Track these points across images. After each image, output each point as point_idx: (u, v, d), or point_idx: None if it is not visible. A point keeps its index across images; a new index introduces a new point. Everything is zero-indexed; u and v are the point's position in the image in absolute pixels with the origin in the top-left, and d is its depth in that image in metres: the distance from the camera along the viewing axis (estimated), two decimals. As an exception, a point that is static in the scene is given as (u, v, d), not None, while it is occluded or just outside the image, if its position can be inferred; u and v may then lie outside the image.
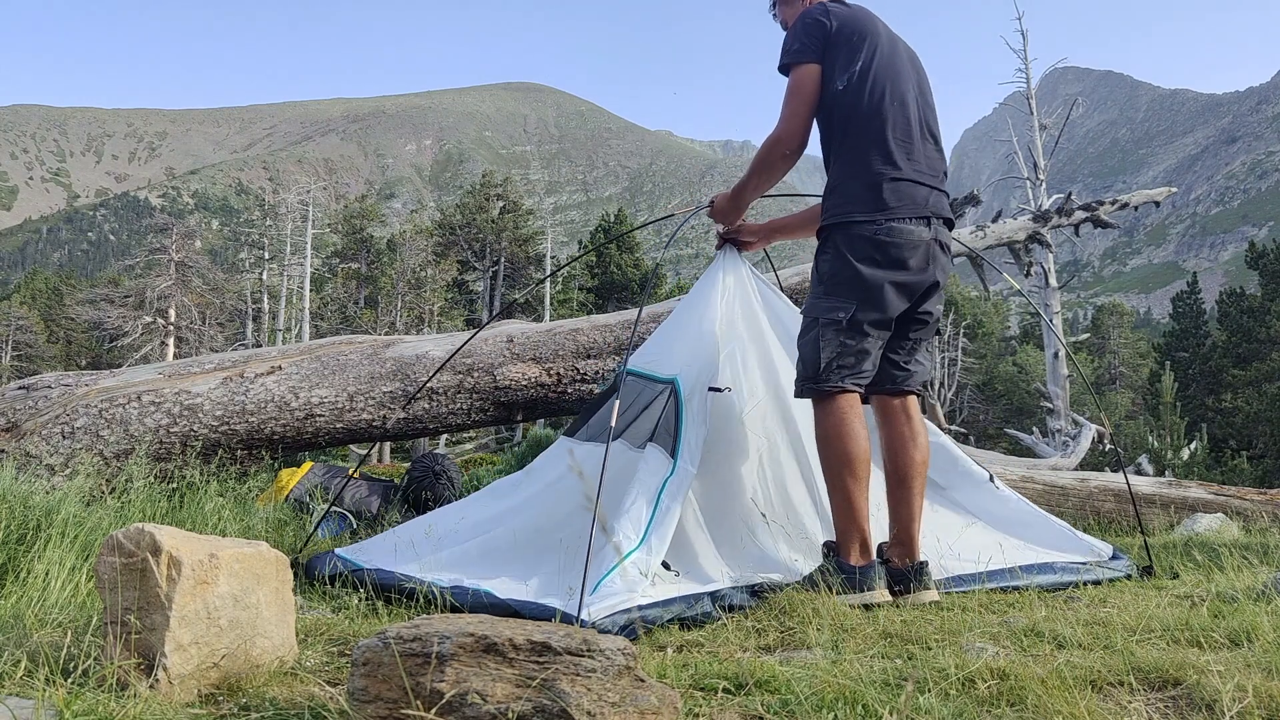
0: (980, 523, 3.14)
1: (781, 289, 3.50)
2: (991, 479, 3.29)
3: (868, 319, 2.59)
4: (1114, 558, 3.05)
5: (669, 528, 2.53)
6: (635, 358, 3.10)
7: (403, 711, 1.26)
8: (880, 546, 2.63)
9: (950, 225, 2.75)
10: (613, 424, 2.53)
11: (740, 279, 3.29)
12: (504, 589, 2.43)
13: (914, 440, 2.70)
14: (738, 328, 3.17)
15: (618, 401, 2.62)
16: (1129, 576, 2.93)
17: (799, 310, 2.88)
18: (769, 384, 3.14)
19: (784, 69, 2.74)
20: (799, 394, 2.70)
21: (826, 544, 2.60)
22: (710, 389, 2.86)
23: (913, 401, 2.76)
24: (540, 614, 2.18)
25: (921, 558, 2.61)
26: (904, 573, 2.55)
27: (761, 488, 2.98)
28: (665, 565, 2.58)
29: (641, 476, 2.65)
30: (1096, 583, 2.83)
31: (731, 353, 3.07)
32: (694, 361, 2.96)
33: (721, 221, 3.19)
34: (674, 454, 2.71)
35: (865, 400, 2.72)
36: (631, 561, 2.39)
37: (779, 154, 2.74)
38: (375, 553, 2.93)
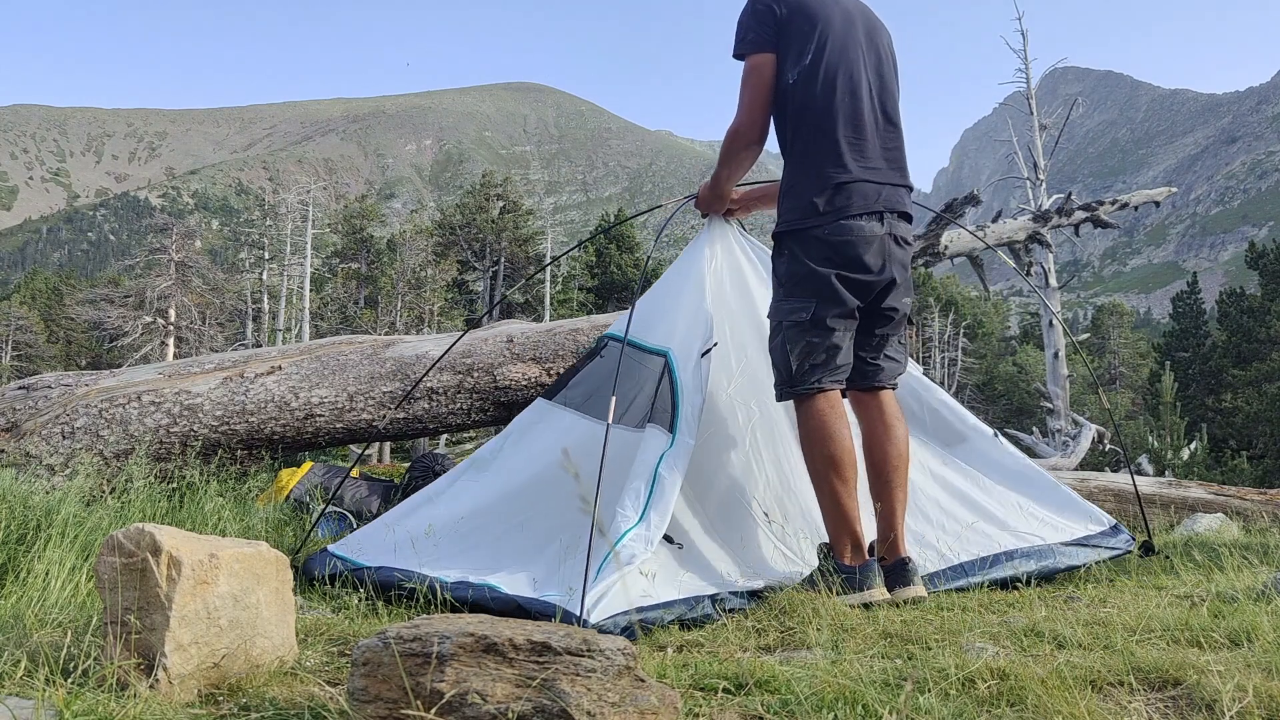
0: (983, 511, 3.12)
1: None
2: (996, 435, 3.34)
3: (829, 314, 2.57)
4: (1114, 529, 3.05)
5: (668, 502, 2.52)
6: (621, 322, 3.10)
7: (403, 711, 1.26)
8: (873, 544, 2.63)
9: (909, 219, 2.71)
10: (610, 422, 2.51)
11: (728, 246, 3.27)
12: (508, 584, 2.43)
13: (889, 436, 2.66)
14: (727, 296, 3.16)
15: (615, 399, 2.60)
16: (1129, 552, 2.94)
17: None
18: (760, 353, 3.13)
19: (738, 57, 2.71)
20: (779, 398, 2.69)
21: (821, 546, 2.60)
22: (702, 355, 2.84)
23: (887, 397, 2.73)
24: (543, 610, 2.19)
25: (904, 554, 2.59)
26: (889, 569, 2.55)
27: (753, 463, 2.97)
28: (668, 539, 2.57)
29: (642, 456, 2.64)
30: (1097, 562, 2.84)
31: (722, 322, 3.06)
32: (685, 332, 2.94)
33: (707, 211, 3.20)
34: (672, 429, 2.69)
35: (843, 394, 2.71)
36: (631, 537, 2.39)
37: (741, 145, 2.73)
38: (371, 547, 2.91)
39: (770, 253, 2.79)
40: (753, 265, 3.31)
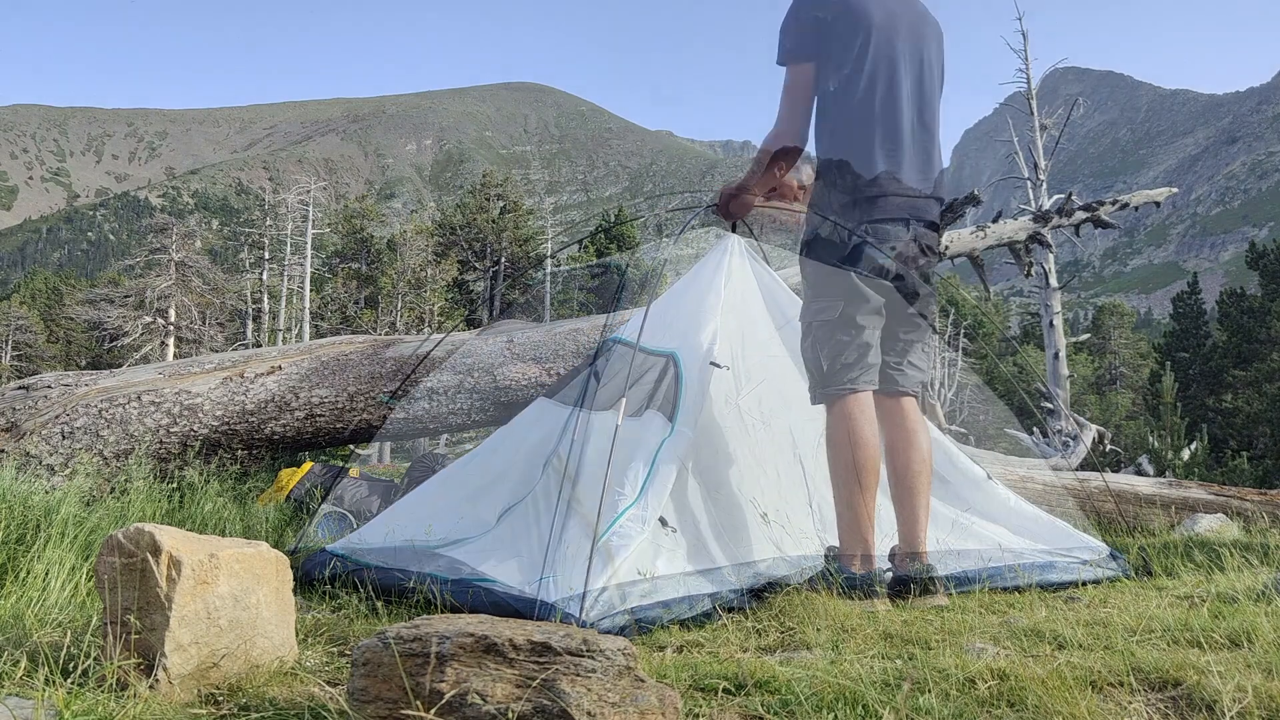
0: (980, 520, 3.15)
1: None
2: (989, 477, 3.30)
3: (858, 311, 2.58)
4: (1111, 557, 3.05)
5: (665, 486, 2.53)
6: (627, 329, 3.10)
7: (403, 711, 1.26)
8: (892, 550, 2.62)
9: (935, 228, 2.71)
10: (619, 422, 2.51)
11: (744, 264, 3.30)
12: (503, 573, 2.43)
13: (911, 442, 2.65)
14: (736, 310, 3.19)
15: (627, 396, 2.62)
16: (1128, 576, 2.94)
17: (799, 298, 2.91)
18: (764, 368, 3.15)
19: (780, 64, 2.71)
20: (814, 401, 2.69)
21: (830, 549, 2.59)
22: (711, 363, 2.87)
23: (910, 403, 2.73)
24: (541, 611, 2.18)
25: (927, 562, 2.57)
26: (908, 577, 2.53)
27: (754, 475, 2.98)
28: (662, 521, 2.57)
29: (642, 438, 2.66)
30: (1096, 582, 2.83)
31: (730, 333, 3.08)
32: (694, 337, 2.96)
33: (728, 215, 3.17)
34: (672, 418, 2.71)
35: None
36: (628, 516, 2.40)
37: (779, 154, 2.72)
38: (370, 546, 2.91)
39: (780, 280, 2.80)
40: (765, 287, 3.35)
